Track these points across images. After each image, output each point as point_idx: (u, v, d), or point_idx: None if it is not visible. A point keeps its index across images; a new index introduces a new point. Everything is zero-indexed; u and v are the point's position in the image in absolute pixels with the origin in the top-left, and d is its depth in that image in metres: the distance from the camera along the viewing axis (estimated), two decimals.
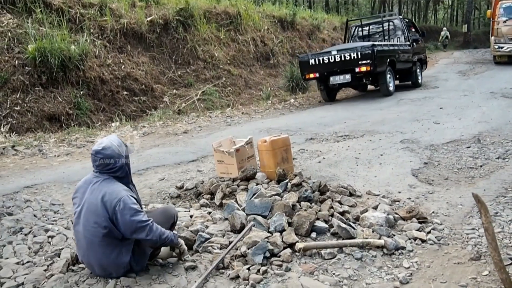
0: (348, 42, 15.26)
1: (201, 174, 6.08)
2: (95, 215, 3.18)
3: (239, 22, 15.94)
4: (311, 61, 12.49)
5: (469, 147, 6.72)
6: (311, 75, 12.68)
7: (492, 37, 18.88)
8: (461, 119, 8.73)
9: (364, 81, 12.90)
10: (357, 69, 11.90)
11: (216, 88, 13.55)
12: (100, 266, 3.27)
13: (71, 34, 11.11)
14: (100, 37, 11.90)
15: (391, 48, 13.27)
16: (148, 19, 13.15)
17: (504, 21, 18.28)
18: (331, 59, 12.20)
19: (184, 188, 5.45)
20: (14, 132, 9.23)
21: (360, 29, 15.43)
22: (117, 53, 12.14)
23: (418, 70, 14.86)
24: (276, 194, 4.63)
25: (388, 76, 12.85)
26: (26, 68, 10.00)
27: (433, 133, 7.74)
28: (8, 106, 9.54)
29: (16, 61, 10.00)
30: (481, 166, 5.83)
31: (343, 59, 12.05)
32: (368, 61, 11.71)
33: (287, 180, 4.95)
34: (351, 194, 5.03)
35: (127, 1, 13.38)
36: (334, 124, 9.14)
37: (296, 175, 5.14)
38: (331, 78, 12.46)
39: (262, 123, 9.86)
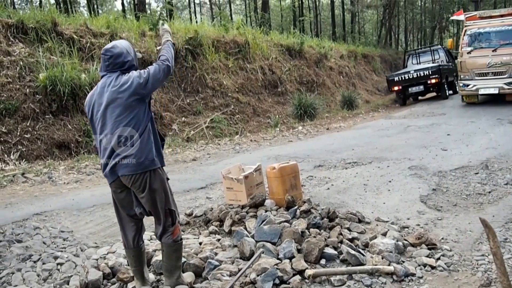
0: (406, 66, 21.69)
1: (210, 201, 6.09)
2: (121, 96, 3.29)
3: (247, 51, 16.13)
4: (396, 78, 18.65)
5: (477, 173, 6.69)
6: (396, 88, 18.90)
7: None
8: (469, 146, 8.72)
9: (432, 89, 18.93)
10: (428, 82, 17.92)
11: (224, 116, 13.64)
12: (131, 156, 3.34)
13: (81, 63, 11.30)
14: None
15: (447, 67, 19.44)
16: (158, 48, 13.29)
17: (469, 52, 14.86)
18: (410, 76, 18.22)
19: (193, 215, 5.45)
20: (24, 160, 9.31)
21: (413, 56, 21.86)
22: None
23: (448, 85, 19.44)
24: (285, 221, 4.63)
25: (446, 85, 18.70)
26: (37, 96, 10.15)
27: (441, 160, 7.72)
28: (18, 133, 9.64)
29: (27, 89, 10.16)
30: (489, 192, 5.80)
31: (419, 75, 18.02)
32: (436, 75, 17.70)
33: (296, 207, 4.95)
34: (360, 221, 5.01)
35: (137, 31, 13.62)
36: (342, 151, 9.15)
37: (305, 202, 5.14)
38: (409, 89, 18.60)
39: (270, 150, 9.89)
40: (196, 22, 17.92)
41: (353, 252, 4.03)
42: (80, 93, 10.44)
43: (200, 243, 4.63)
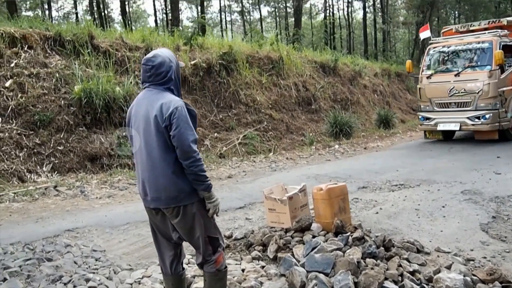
0: None
1: (250, 222, 5.70)
2: (155, 124, 2.98)
3: (281, 67, 15.83)
4: None
5: None
6: None
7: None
8: None
9: None
10: None
11: (257, 133, 13.31)
12: (163, 187, 3.02)
13: (116, 76, 11.17)
14: None
15: None
16: (192, 62, 13.16)
17: (429, 77, 12.33)
18: None
19: (233, 237, 5.07)
20: (56, 172, 9.15)
21: None
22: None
23: None
24: (337, 249, 4.20)
25: None
26: (71, 108, 10.02)
27: (496, 184, 7.19)
28: (51, 145, 9.51)
29: (62, 101, 10.05)
30: None
31: None
32: None
33: (348, 234, 4.53)
34: (418, 251, 4.55)
35: (171, 45, 13.48)
36: (385, 172, 8.67)
37: (356, 228, 4.72)
38: None
39: (308, 169, 9.47)
40: (227, 38, 17.71)
41: (417, 287, 3.59)
42: (114, 106, 10.28)
43: (243, 270, 4.24)
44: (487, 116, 11.33)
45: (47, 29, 11.35)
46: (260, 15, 46.39)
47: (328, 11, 42.63)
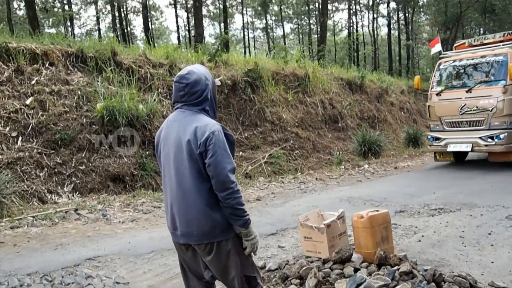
0: None
1: (284, 251, 5.26)
2: (188, 150, 2.65)
3: (307, 84, 15.45)
4: None
5: None
6: None
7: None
8: None
9: None
10: None
11: (283, 151, 12.90)
12: (195, 221, 2.66)
13: (139, 93, 10.92)
14: (168, 96, 11.67)
15: None
16: (216, 79, 12.85)
17: (438, 94, 11.45)
18: None
19: (267, 268, 4.65)
20: (77, 192, 8.89)
21: None
22: None
23: None
24: (385, 285, 3.75)
25: None
26: (93, 126, 9.77)
27: None
28: (72, 165, 9.25)
29: (84, 119, 9.81)
30: None
31: None
32: None
33: (394, 268, 4.07)
34: (471, 286, 4.06)
35: (196, 62, 13.24)
36: (422, 194, 8.15)
37: (400, 259, 4.26)
38: None
39: (340, 191, 8.99)
40: (250, 55, 17.45)
41: None
42: (137, 124, 10.00)
43: None
44: (501, 136, 10.25)
45: (69, 45, 11.20)
46: (283, 32, 46.35)
47: (352, 28, 42.35)
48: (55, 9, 17.33)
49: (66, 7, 26.41)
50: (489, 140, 10.42)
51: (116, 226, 6.62)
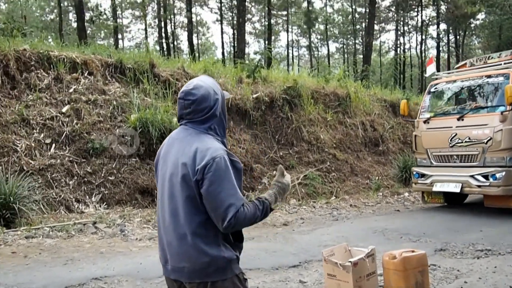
0: None
1: (305, 287, 4.82)
2: (183, 174, 2.28)
3: (347, 105, 14.95)
4: None
5: None
6: None
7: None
8: None
9: None
10: None
11: (319, 173, 12.44)
12: (187, 256, 2.30)
13: (174, 106, 10.76)
14: None
15: None
16: (254, 96, 12.63)
17: (426, 121, 9.57)
18: None
19: None
20: (104, 203, 8.79)
21: None
22: None
23: None
24: None
25: None
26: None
27: None
28: (102, 175, 9.18)
29: (117, 130, 9.74)
30: None
31: None
32: None
33: None
34: None
35: (234, 77, 13.05)
36: (467, 231, 7.44)
37: None
38: None
39: (375, 221, 8.43)
40: (296, 72, 17.17)
41: None
42: None
43: None
44: (497, 175, 8.21)
45: (109, 55, 11.25)
46: (328, 51, 46.00)
47: (399, 49, 41.55)
48: (101, 21, 17.58)
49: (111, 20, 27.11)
50: (483, 179, 8.38)
51: (132, 244, 6.36)
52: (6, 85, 9.26)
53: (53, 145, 9.12)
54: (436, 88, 10.01)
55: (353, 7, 40.70)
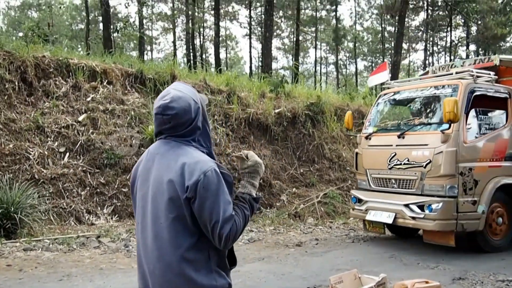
0: None
1: None
2: (170, 192, 2.03)
3: None
4: None
5: None
6: None
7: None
8: None
9: None
10: None
11: (339, 192, 12.03)
12: (173, 285, 2.04)
13: None
14: (223, 124, 11.29)
15: None
16: (276, 111, 12.36)
17: (368, 137, 8.15)
18: None
19: None
20: (116, 215, 8.60)
21: None
22: (238, 143, 11.37)
23: None
24: None
25: None
26: (142, 149, 9.50)
27: None
28: (115, 186, 9.03)
29: (133, 141, 9.60)
30: None
31: None
32: None
33: None
34: None
35: (257, 91, 12.82)
36: (488, 259, 6.83)
37: None
38: None
39: (393, 244, 7.78)
40: (321, 89, 16.88)
41: None
42: None
43: None
44: (433, 206, 6.78)
45: (130, 65, 11.17)
46: (356, 68, 45.62)
47: (427, 69, 40.86)
48: (126, 31, 17.70)
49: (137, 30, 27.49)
50: (418, 210, 6.96)
51: (135, 260, 6.09)
52: (22, 92, 9.22)
53: (67, 154, 9.00)
54: (383, 99, 8.52)
55: (383, 25, 40.34)
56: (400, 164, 7.34)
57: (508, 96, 7.52)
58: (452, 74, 7.68)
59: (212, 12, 31.58)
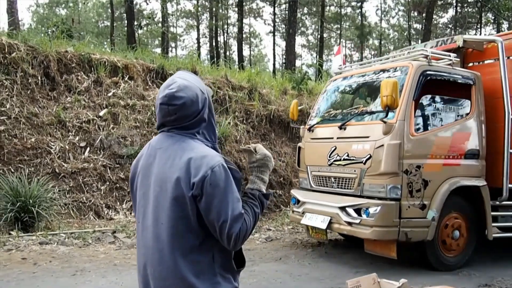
0: None
1: None
2: (175, 190, 1.87)
3: None
4: None
5: None
6: None
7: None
8: None
9: None
10: None
11: None
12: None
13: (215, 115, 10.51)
14: (244, 121, 11.19)
15: None
16: (298, 108, 12.18)
17: (311, 129, 7.06)
18: None
19: None
20: None
21: None
22: (259, 140, 11.25)
23: None
24: None
25: None
26: None
27: None
28: None
29: (153, 136, 9.52)
30: None
31: None
32: None
33: None
34: None
35: (279, 88, 12.68)
36: None
37: None
38: None
39: None
40: None
41: None
42: None
43: None
44: (371, 210, 5.69)
45: (152, 61, 11.15)
46: None
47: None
48: (150, 27, 17.78)
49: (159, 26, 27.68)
50: (354, 215, 5.88)
51: None
52: (45, 86, 9.28)
53: (88, 148, 9.04)
54: (332, 85, 7.40)
55: (409, 22, 39.68)
56: (340, 160, 6.30)
57: (472, 83, 6.37)
58: (403, 55, 6.74)
59: (236, 9, 31.52)
